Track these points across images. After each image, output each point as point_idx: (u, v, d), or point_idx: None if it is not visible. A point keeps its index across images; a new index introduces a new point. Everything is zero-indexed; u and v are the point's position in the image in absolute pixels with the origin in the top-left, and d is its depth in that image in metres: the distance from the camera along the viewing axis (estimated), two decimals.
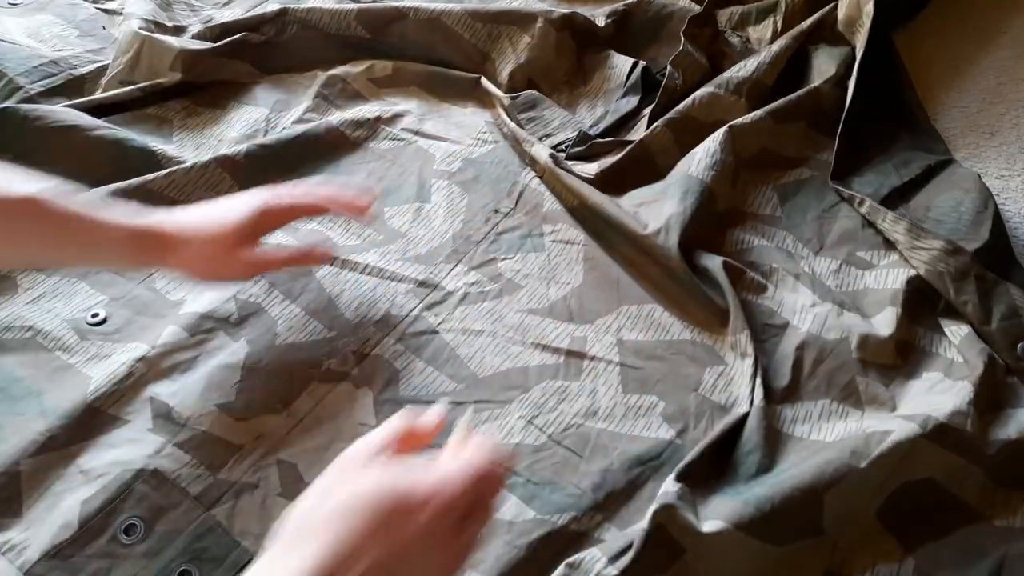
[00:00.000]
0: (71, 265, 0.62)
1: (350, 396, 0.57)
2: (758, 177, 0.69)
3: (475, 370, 0.59)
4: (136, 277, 0.63)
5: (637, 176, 0.69)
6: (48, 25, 0.83)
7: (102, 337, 0.59)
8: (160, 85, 0.75)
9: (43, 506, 0.51)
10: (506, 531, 0.50)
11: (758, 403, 0.54)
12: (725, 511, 0.47)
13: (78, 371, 0.57)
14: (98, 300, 0.62)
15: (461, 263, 0.65)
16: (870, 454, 0.49)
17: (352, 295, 0.63)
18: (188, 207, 0.56)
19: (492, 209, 0.69)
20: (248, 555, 0.50)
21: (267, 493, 0.52)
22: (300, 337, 0.60)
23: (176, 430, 0.54)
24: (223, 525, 0.51)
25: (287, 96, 0.78)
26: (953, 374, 0.55)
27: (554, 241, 0.66)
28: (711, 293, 0.60)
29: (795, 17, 0.79)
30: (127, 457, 0.53)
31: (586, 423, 0.55)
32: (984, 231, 0.60)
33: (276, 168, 0.70)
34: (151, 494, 0.52)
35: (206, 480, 0.53)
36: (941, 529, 0.49)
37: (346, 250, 0.66)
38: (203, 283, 0.60)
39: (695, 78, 0.77)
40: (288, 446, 0.55)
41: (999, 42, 0.79)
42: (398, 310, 0.62)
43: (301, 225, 0.67)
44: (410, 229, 0.68)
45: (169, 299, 0.62)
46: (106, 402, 0.56)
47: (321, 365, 0.59)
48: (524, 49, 0.80)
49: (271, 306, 0.62)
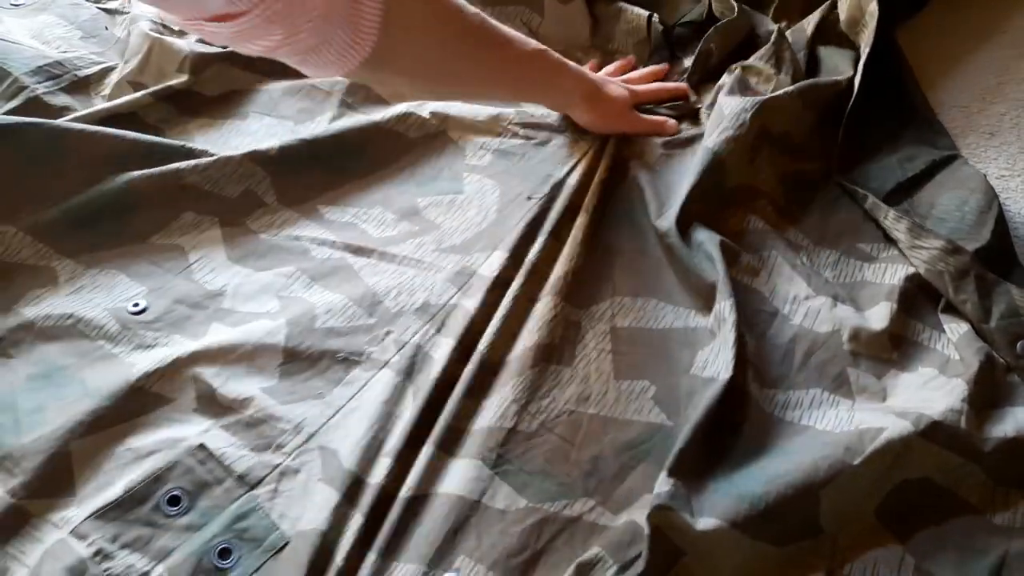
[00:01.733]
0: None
1: (390, 384, 0.58)
2: (774, 159, 0.69)
3: (486, 359, 0.59)
4: (174, 268, 0.64)
5: None
6: (50, 26, 0.83)
7: (143, 326, 0.60)
8: (171, 88, 0.76)
9: (94, 485, 0.52)
10: (499, 519, 0.51)
11: (750, 384, 0.54)
12: (720, 508, 0.47)
13: (121, 359, 0.58)
14: (137, 291, 0.62)
15: (497, 251, 0.65)
16: (864, 451, 0.49)
17: (390, 285, 0.64)
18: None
19: (526, 196, 0.69)
20: (285, 539, 0.51)
21: (308, 478, 0.53)
22: (340, 322, 0.61)
23: (220, 411, 0.55)
24: (263, 507, 0.52)
25: (309, 104, 0.78)
26: (948, 371, 0.55)
27: (575, 227, 0.67)
28: (703, 266, 0.61)
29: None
30: (176, 435, 0.54)
31: (578, 409, 0.56)
32: (986, 231, 0.60)
33: (308, 160, 0.71)
34: (196, 468, 0.53)
35: (250, 460, 0.53)
36: (941, 527, 0.49)
37: (382, 242, 0.67)
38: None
39: (729, 47, 0.78)
40: (330, 432, 0.55)
41: (999, 41, 0.80)
42: (436, 299, 0.63)
43: (335, 219, 0.69)
44: (444, 220, 0.69)
45: (208, 288, 0.63)
46: (149, 381, 0.56)
47: (363, 353, 0.59)
48: (538, 28, 0.82)
49: (311, 294, 0.63)
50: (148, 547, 0.50)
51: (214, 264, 0.65)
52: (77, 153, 0.67)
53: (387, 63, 0.53)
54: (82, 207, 0.66)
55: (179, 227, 0.67)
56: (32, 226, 0.65)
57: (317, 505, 0.52)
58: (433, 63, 0.58)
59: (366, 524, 0.50)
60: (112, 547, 0.50)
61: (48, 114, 0.73)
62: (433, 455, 0.54)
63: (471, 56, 0.60)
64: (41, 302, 0.62)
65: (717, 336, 0.57)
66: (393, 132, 0.74)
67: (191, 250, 0.66)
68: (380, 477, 0.52)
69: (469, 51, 0.60)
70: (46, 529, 0.51)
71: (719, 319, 0.58)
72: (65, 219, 0.65)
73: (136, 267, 0.64)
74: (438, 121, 0.75)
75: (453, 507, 0.51)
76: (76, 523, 0.50)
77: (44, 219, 0.65)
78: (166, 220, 0.67)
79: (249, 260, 0.66)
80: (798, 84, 0.70)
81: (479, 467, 0.53)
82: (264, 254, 0.66)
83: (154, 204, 0.67)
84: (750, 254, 0.63)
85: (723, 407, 0.53)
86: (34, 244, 0.64)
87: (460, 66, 0.61)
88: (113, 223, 0.66)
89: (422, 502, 0.52)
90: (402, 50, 0.53)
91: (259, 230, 0.68)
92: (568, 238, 0.66)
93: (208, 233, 0.67)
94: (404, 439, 0.54)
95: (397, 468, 0.53)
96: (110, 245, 0.65)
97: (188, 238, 0.66)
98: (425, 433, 0.55)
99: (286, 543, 0.51)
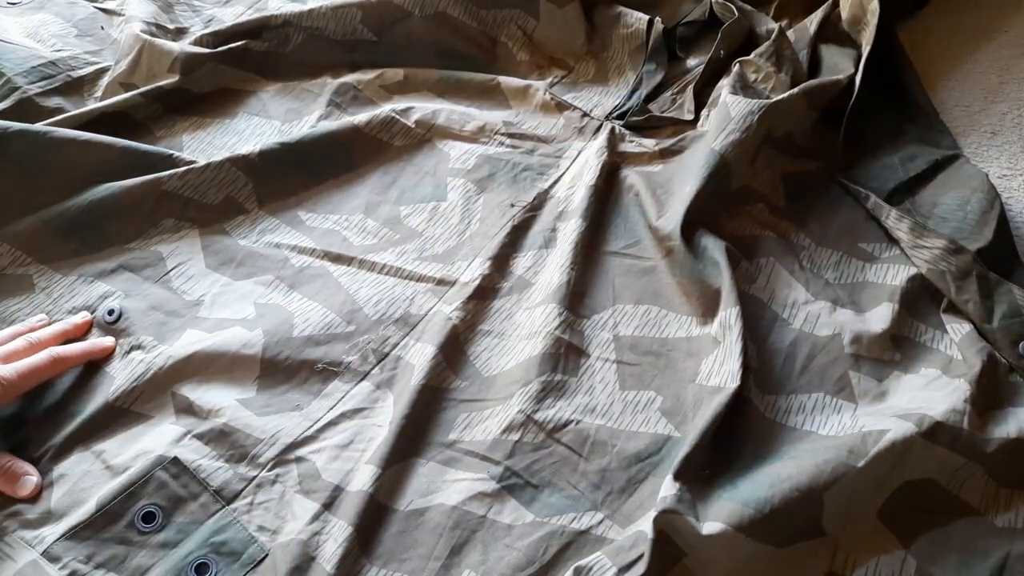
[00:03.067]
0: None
1: (369, 395, 0.57)
2: (774, 160, 0.69)
3: (480, 368, 0.59)
4: (152, 276, 0.63)
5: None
6: (46, 24, 0.83)
7: (120, 334, 0.59)
8: (161, 88, 0.75)
9: (69, 501, 0.51)
10: (505, 534, 0.50)
11: (751, 392, 0.54)
12: (724, 513, 0.47)
13: (99, 368, 0.58)
14: (114, 298, 0.62)
15: (477, 258, 0.65)
16: (867, 453, 0.49)
17: (370, 294, 0.63)
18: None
19: (508, 204, 0.69)
20: (264, 551, 0.50)
21: (286, 490, 0.53)
22: (318, 332, 0.60)
23: (197, 422, 0.55)
24: (240, 520, 0.51)
25: (298, 105, 0.78)
26: (951, 371, 0.55)
27: (563, 236, 0.66)
28: (707, 272, 0.60)
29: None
30: (150, 446, 0.53)
31: (584, 419, 0.55)
32: (988, 231, 0.60)
33: (291, 166, 0.70)
34: (170, 483, 0.52)
35: (225, 473, 0.53)
36: (943, 529, 0.49)
37: (363, 250, 0.66)
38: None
39: (733, 48, 0.78)
40: (307, 443, 0.55)
41: (1001, 40, 0.80)
42: (417, 309, 0.62)
43: (316, 226, 0.68)
44: (427, 228, 0.68)
45: (186, 298, 0.62)
46: (127, 400, 0.56)
47: (342, 363, 0.59)
48: (533, 32, 0.81)
49: (290, 303, 0.62)
50: (124, 566, 0.49)
51: (192, 271, 0.64)
52: (61, 162, 0.66)
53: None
54: (63, 215, 0.65)
55: (158, 233, 0.66)
56: (11, 235, 0.64)
57: (296, 516, 0.51)
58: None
59: (357, 535, 0.50)
60: (86, 567, 0.49)
61: (40, 115, 0.72)
62: (428, 467, 0.54)
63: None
64: (19, 312, 0.61)
65: (722, 344, 0.57)
66: (377, 140, 0.74)
67: (169, 256, 0.65)
68: (365, 486, 0.51)
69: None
70: (18, 548, 0.50)
71: (725, 326, 0.57)
72: (45, 227, 0.64)
73: (114, 274, 0.63)
74: (423, 130, 0.75)
75: (457, 521, 0.51)
76: (49, 543, 0.49)
77: (24, 227, 0.64)
78: (145, 227, 0.66)
79: (228, 267, 0.65)
80: (803, 85, 0.70)
81: (484, 481, 0.53)
82: (243, 261, 0.65)
83: (134, 211, 0.66)
84: (748, 259, 0.63)
85: (727, 414, 0.52)
86: (12, 252, 0.64)
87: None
88: (93, 231, 0.65)
89: (422, 515, 0.51)
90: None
91: (239, 237, 0.67)
92: (561, 245, 0.65)
93: (187, 240, 0.66)
94: (389, 449, 0.53)
95: (386, 479, 0.52)
96: (88, 252, 0.64)
97: (166, 245, 0.66)
98: (414, 444, 0.55)
99: (264, 556, 0.50)
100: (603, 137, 0.73)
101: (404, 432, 0.54)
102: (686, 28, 0.83)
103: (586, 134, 0.75)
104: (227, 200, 0.68)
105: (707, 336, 0.59)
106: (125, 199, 0.66)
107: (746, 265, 0.62)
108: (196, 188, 0.68)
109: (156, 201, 0.66)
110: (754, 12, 0.82)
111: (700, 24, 0.83)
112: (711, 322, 0.59)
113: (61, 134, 0.67)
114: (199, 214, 0.67)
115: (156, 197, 0.66)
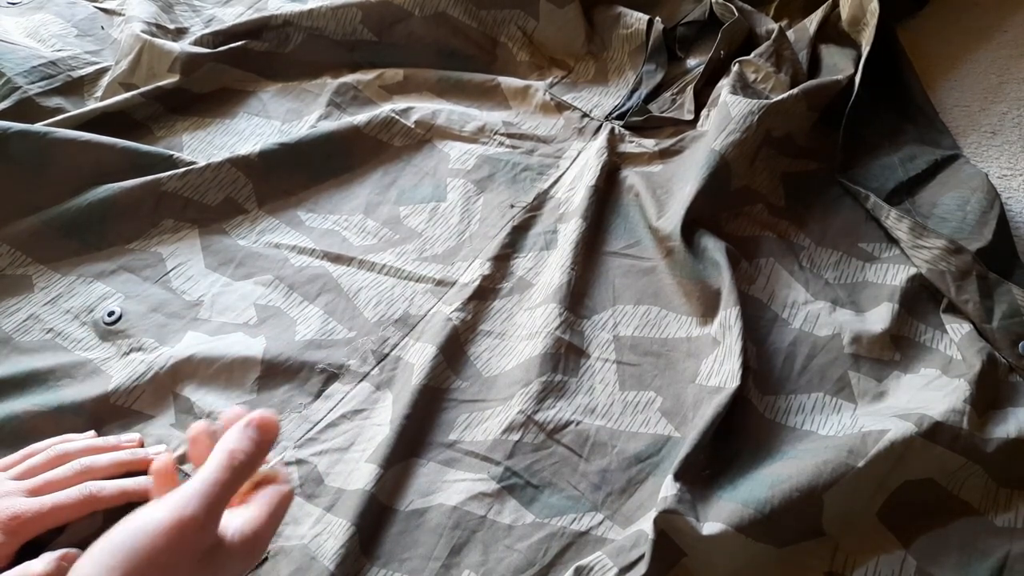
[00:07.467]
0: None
1: (369, 396, 0.57)
2: (773, 161, 0.69)
3: (481, 369, 0.59)
4: (152, 276, 0.63)
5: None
6: (47, 24, 0.83)
7: (118, 335, 0.59)
8: (161, 88, 0.75)
9: None
10: (505, 534, 0.50)
11: (751, 392, 0.54)
12: (724, 514, 0.47)
13: (99, 369, 0.57)
14: (113, 299, 0.62)
15: (478, 259, 0.65)
16: (867, 453, 0.49)
17: (370, 295, 0.63)
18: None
19: (508, 204, 0.69)
20: (265, 555, 0.50)
21: None
22: (318, 334, 0.60)
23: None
24: None
25: (298, 105, 0.78)
26: (951, 371, 0.55)
27: (564, 237, 0.66)
28: (707, 272, 0.60)
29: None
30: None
31: (584, 420, 0.55)
32: (988, 231, 0.60)
33: (290, 166, 0.70)
34: None
35: None
36: (943, 529, 0.49)
37: (363, 250, 0.66)
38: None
39: (733, 48, 0.78)
40: (308, 445, 0.55)
41: (1000, 41, 0.80)
42: (417, 309, 0.62)
43: (316, 226, 0.68)
44: (426, 228, 0.68)
45: (185, 299, 0.62)
46: (127, 399, 0.56)
47: (342, 365, 0.59)
48: (533, 32, 0.81)
49: (290, 305, 0.62)
50: None
51: (192, 272, 0.64)
52: (61, 163, 0.66)
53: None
54: (62, 215, 0.65)
55: (157, 234, 0.66)
56: (11, 235, 0.64)
57: (298, 521, 0.51)
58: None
59: (358, 534, 0.50)
60: None
61: (40, 115, 0.72)
62: (429, 467, 0.54)
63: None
64: (17, 312, 0.61)
65: (722, 344, 0.57)
66: (377, 140, 0.74)
67: (169, 257, 0.65)
68: (366, 485, 0.51)
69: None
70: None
71: (725, 327, 0.57)
72: (45, 228, 0.64)
73: (113, 275, 0.63)
74: (423, 130, 0.75)
75: (458, 521, 0.51)
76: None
77: (24, 227, 0.64)
78: (145, 227, 0.66)
79: (227, 268, 0.65)
80: (803, 86, 0.70)
81: (484, 481, 0.53)
82: (243, 262, 0.65)
83: (134, 211, 0.66)
84: (748, 259, 0.63)
85: (727, 414, 0.52)
86: (12, 253, 0.64)
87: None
88: (92, 232, 0.65)
89: (422, 515, 0.51)
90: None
91: (238, 237, 0.67)
92: (561, 246, 0.65)
93: (187, 240, 0.66)
94: (390, 449, 0.53)
95: (387, 479, 0.52)
96: (88, 252, 0.64)
97: (166, 245, 0.66)
98: (415, 444, 0.54)
99: (265, 558, 0.50)
100: (603, 137, 0.73)
101: (405, 432, 0.54)
102: (686, 28, 0.84)
103: (586, 134, 0.75)
104: (227, 200, 0.68)
105: (707, 336, 0.59)
106: (125, 199, 0.66)
107: (746, 265, 0.62)
108: (196, 188, 0.68)
109: (156, 201, 0.66)
110: (754, 12, 0.82)
111: (700, 24, 0.84)
112: (711, 322, 0.59)
113: (61, 134, 0.67)
114: (199, 214, 0.67)
115: (156, 198, 0.66)
